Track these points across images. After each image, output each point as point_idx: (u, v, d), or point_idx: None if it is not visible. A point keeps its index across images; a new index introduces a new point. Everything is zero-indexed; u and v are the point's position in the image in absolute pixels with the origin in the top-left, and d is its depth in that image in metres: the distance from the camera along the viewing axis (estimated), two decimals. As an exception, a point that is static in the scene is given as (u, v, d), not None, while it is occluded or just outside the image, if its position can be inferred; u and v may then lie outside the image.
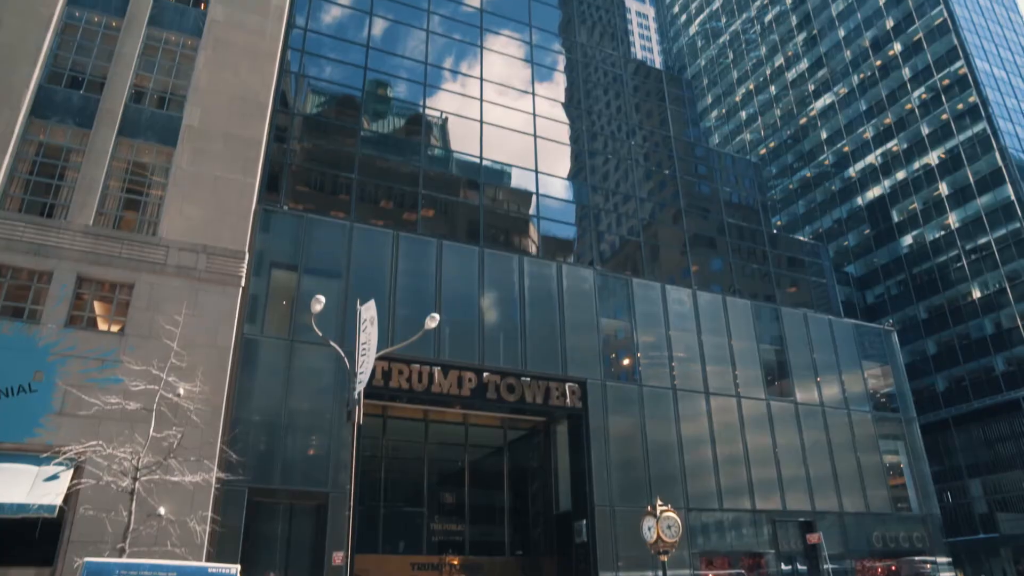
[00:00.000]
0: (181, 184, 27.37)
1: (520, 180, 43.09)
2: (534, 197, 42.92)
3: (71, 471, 20.68)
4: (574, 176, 45.46)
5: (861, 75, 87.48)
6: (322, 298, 21.34)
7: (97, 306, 25.10)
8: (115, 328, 24.66)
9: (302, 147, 37.82)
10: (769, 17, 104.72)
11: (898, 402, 48.61)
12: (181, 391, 20.86)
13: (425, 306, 33.13)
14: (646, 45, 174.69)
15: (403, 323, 32.96)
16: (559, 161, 45.34)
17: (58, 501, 19.51)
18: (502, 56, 46.91)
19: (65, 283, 24.02)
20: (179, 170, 27.59)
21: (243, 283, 27.18)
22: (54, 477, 20.30)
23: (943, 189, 76.28)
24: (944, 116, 77.22)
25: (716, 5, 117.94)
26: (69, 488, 20.30)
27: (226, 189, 28.11)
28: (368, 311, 21.41)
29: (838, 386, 46.19)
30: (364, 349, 20.74)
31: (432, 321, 22.16)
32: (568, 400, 36.86)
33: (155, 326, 23.74)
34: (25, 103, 25.91)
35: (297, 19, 39.70)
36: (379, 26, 43.09)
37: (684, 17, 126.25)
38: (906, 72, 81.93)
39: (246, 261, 27.51)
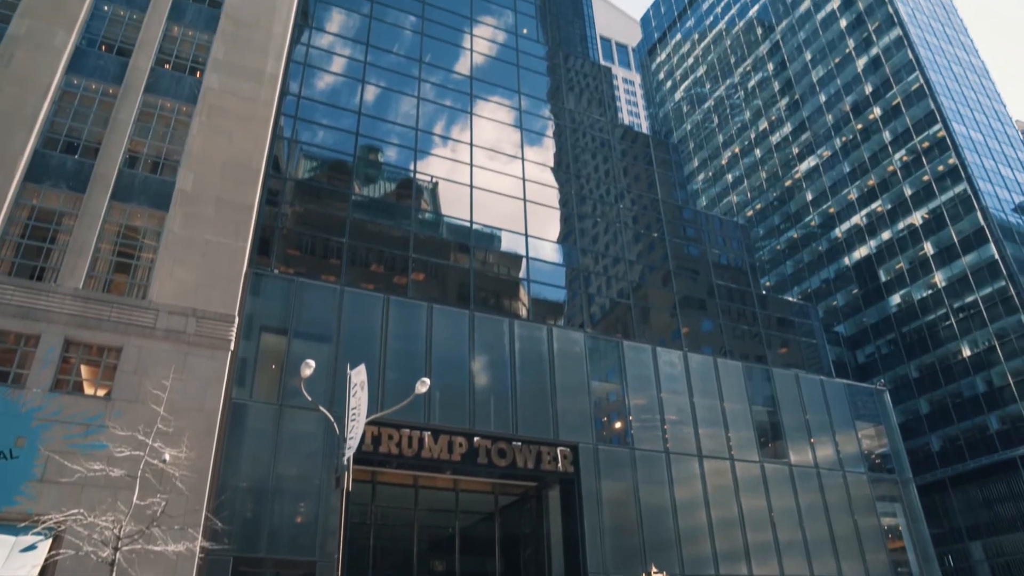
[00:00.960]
0: (172, 248, 27.47)
1: (510, 243, 43.43)
2: (524, 260, 43.18)
3: (50, 541, 20.10)
4: (564, 239, 45.87)
5: (843, 138, 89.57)
6: (312, 362, 21.23)
7: (84, 370, 24.86)
8: (101, 392, 24.37)
9: (294, 211, 38.12)
10: (752, 83, 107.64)
11: (893, 463, 48.16)
12: (167, 457, 20.50)
13: (415, 370, 32.94)
14: (633, 110, 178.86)
15: (393, 387, 32.68)
16: (549, 224, 45.80)
17: (34, 573, 18.90)
18: (492, 122, 47.83)
19: (52, 346, 23.82)
20: (171, 234, 27.73)
21: (232, 347, 27.03)
22: (31, 548, 19.71)
23: (928, 248, 77.29)
24: (926, 177, 78.84)
25: (700, 72, 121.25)
26: (46, 559, 19.71)
27: (217, 253, 28.21)
28: (358, 376, 21.29)
29: (832, 447, 45.80)
30: (354, 414, 20.55)
31: (423, 386, 22.03)
32: (560, 464, 36.36)
33: (142, 390, 23.47)
34: (20, 168, 26.17)
35: (291, 85, 40.54)
36: (371, 92, 44.02)
37: (669, 84, 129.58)
38: (887, 135, 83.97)
39: (236, 325, 27.42)
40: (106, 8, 32.28)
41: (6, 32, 28.73)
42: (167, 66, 32.20)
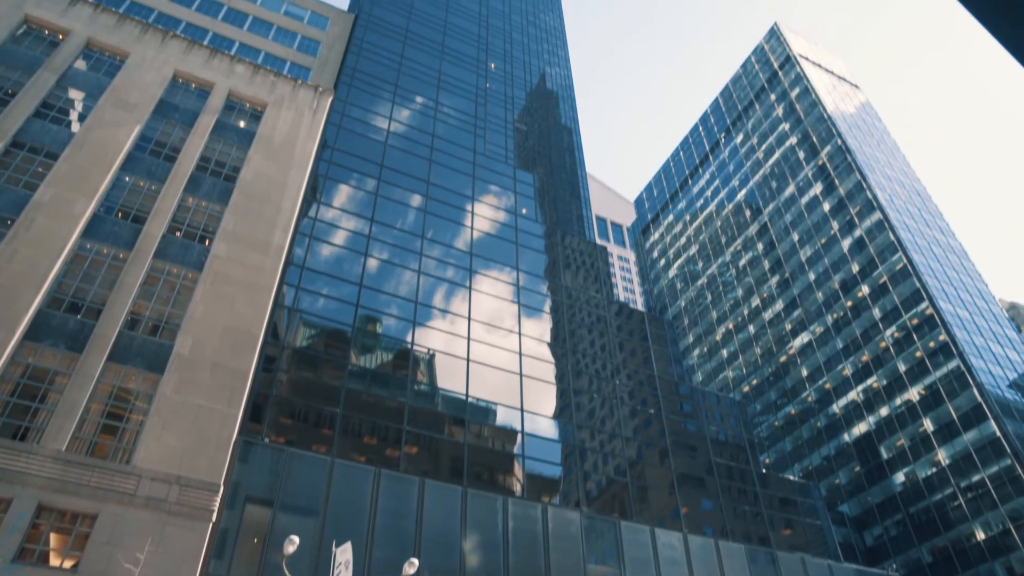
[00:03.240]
0: (163, 412, 27.10)
1: (506, 418, 42.92)
2: (519, 435, 42.49)
3: None
4: (559, 414, 45.40)
5: (834, 315, 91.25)
6: (296, 538, 20.32)
7: (53, 538, 23.64)
8: (68, 564, 23.01)
9: (289, 378, 37.99)
10: (743, 262, 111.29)
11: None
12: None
13: (404, 548, 31.42)
14: (628, 287, 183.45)
15: (381, 566, 31.02)
16: (545, 399, 45.50)
17: None
18: (490, 296, 48.84)
19: (23, 512, 22.78)
20: (163, 398, 27.46)
21: (215, 517, 25.92)
22: None
23: (928, 425, 76.37)
24: (918, 353, 79.47)
25: (693, 251, 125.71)
26: None
27: (208, 419, 27.79)
28: (344, 554, 20.33)
29: (848, 639, 42.76)
30: (337, 594, 19.38)
31: (411, 567, 21.00)
32: (556, 653, 33.74)
33: (112, 563, 22.21)
34: (21, 327, 26.42)
35: (296, 255, 41.78)
36: (373, 264, 45.31)
37: (663, 261, 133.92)
38: (876, 312, 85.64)
39: (220, 494, 26.46)
40: (127, 179, 34.06)
41: (32, 199, 30.14)
42: (178, 233, 33.43)
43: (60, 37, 38.60)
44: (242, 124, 40.49)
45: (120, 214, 32.74)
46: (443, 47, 67.50)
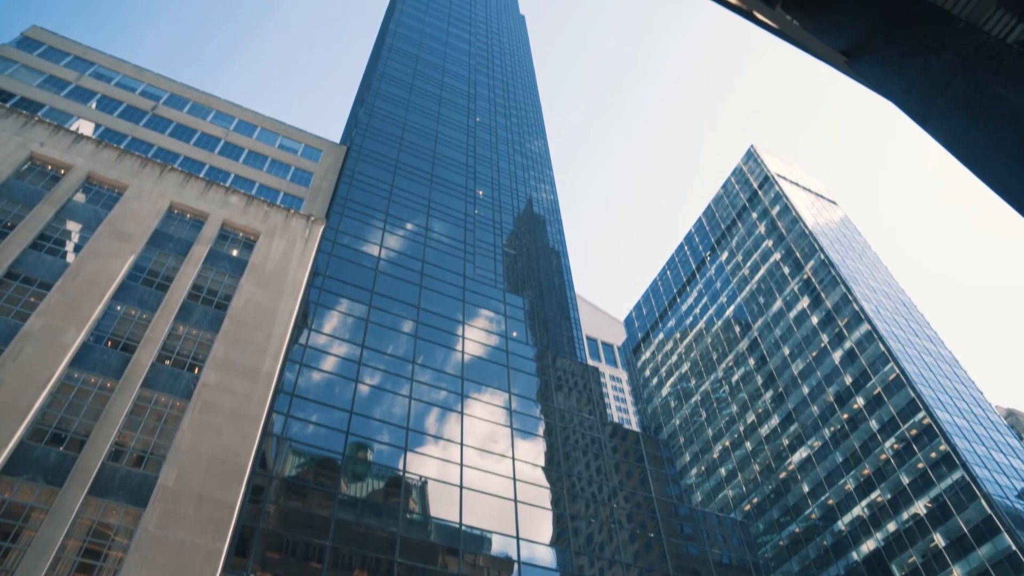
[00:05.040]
0: (143, 548, 25.92)
1: (501, 546, 41.37)
2: (516, 564, 40.85)
3: None
4: (556, 540, 43.80)
5: (831, 428, 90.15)
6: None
7: None
8: None
9: (277, 509, 36.71)
10: (736, 377, 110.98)
11: None
12: None
13: None
14: (621, 406, 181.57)
15: None
16: (541, 525, 44.04)
17: None
18: (482, 421, 48.19)
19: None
20: (144, 533, 26.35)
21: (194, 661, 24.31)
22: None
23: (939, 540, 73.87)
24: (920, 465, 78.01)
25: (685, 368, 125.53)
26: None
27: (191, 554, 26.58)
28: None
29: None
30: None
31: None
32: None
33: None
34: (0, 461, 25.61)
35: (286, 383, 41.36)
36: (364, 390, 44.84)
37: (655, 380, 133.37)
38: (873, 424, 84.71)
39: (201, 635, 24.93)
40: (119, 308, 34.15)
41: (21, 328, 30.03)
42: (167, 362, 33.18)
43: (62, 172, 39.77)
44: (235, 253, 41.13)
45: (110, 343, 32.61)
46: (432, 176, 69.81)
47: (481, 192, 73.20)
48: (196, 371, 33.27)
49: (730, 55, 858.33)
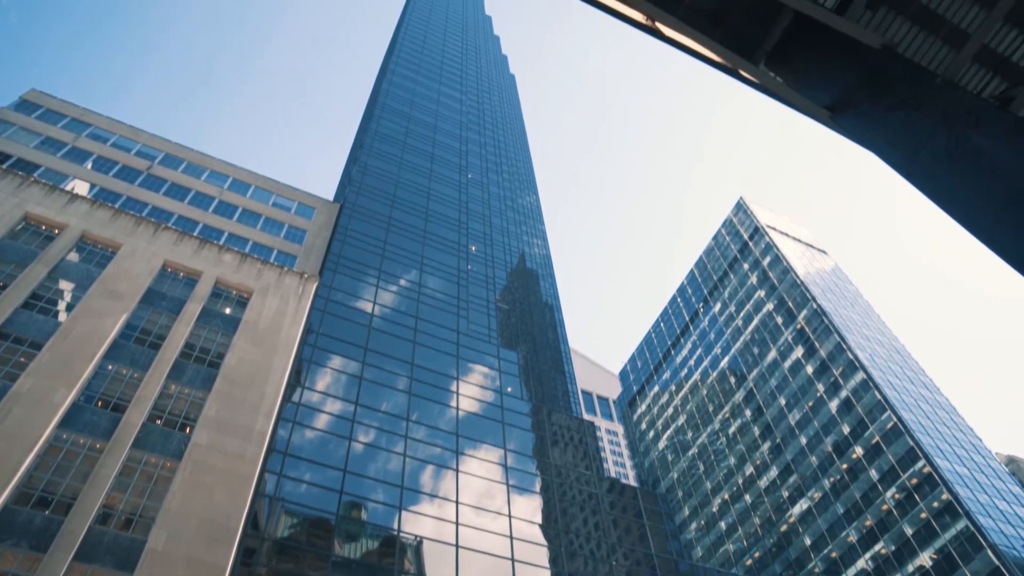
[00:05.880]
0: (131, 615, 25.24)
1: (499, 607, 40.43)
2: (515, 626, 39.85)
3: None
4: (556, 600, 42.86)
5: (831, 479, 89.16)
6: None
7: None
8: None
9: (269, 571, 35.86)
10: (732, 429, 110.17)
11: None
12: None
13: None
14: (618, 460, 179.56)
15: None
16: (539, 584, 43.14)
17: None
18: (478, 478, 47.58)
19: None
20: (132, 599, 25.68)
21: None
22: None
23: (948, 594, 72.45)
24: (923, 515, 76.98)
25: (681, 420, 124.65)
26: None
27: (180, 620, 25.87)
28: None
29: None
30: None
31: None
32: None
33: None
34: (-17, 529, 25.07)
35: (279, 442, 40.85)
36: (357, 448, 44.31)
37: (652, 433, 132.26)
38: (873, 473, 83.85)
39: None
40: (110, 367, 33.90)
41: (10, 389, 29.72)
42: (159, 422, 32.81)
43: (56, 231, 39.93)
44: (228, 311, 41.09)
45: (100, 403, 32.27)
46: (425, 232, 70.29)
47: (474, 247, 73.66)
48: (188, 431, 32.88)
49: (714, 106, 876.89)
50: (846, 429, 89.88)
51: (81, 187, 52.33)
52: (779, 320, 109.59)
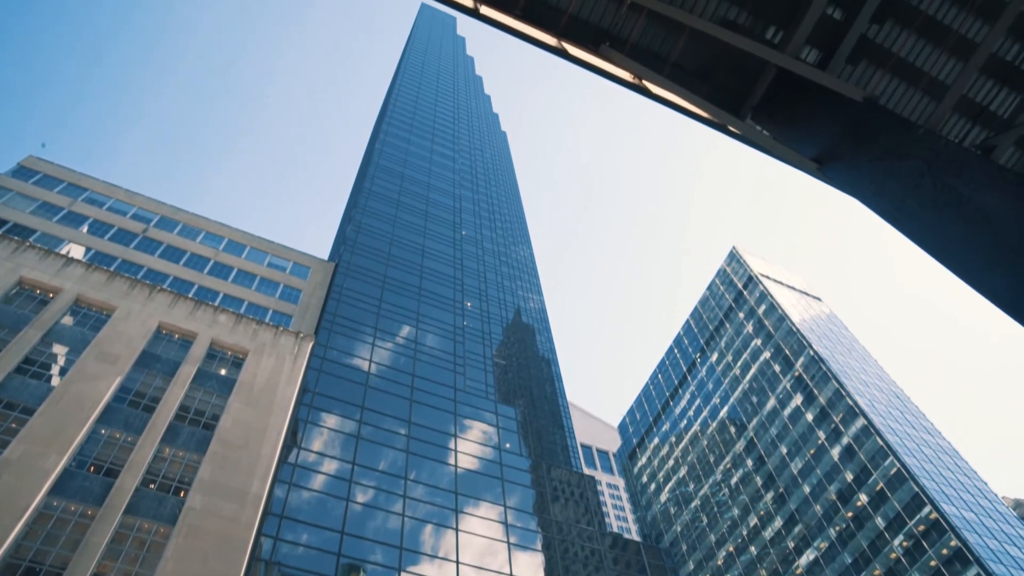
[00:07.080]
0: None
1: (502, 673, 39.30)
2: None
3: None
4: (561, 663, 41.71)
5: (837, 528, 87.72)
6: None
7: None
8: None
9: (265, 640, 34.90)
10: (735, 479, 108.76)
11: None
12: None
13: None
14: (620, 514, 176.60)
15: None
16: (544, 644, 42.02)
17: None
18: (478, 536, 46.82)
19: None
20: (124, 674, 24.86)
21: None
22: None
23: (964, 647, 70.65)
24: (933, 563, 75.54)
25: (682, 472, 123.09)
26: None
27: None
28: None
29: None
30: None
31: None
32: None
33: None
34: (-33, 606, 24.42)
35: (275, 504, 40.16)
36: (355, 509, 43.59)
37: (653, 486, 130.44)
38: (880, 521, 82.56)
39: None
40: (103, 432, 33.47)
41: (1, 456, 29.23)
42: (152, 486, 32.27)
43: (50, 295, 39.89)
44: (223, 372, 40.85)
45: (92, 468, 31.77)
46: (420, 290, 70.44)
47: (469, 304, 73.75)
48: (182, 495, 32.34)
49: (704, 155, 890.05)
50: (849, 476, 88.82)
51: (77, 251, 52.51)
52: (777, 368, 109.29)
